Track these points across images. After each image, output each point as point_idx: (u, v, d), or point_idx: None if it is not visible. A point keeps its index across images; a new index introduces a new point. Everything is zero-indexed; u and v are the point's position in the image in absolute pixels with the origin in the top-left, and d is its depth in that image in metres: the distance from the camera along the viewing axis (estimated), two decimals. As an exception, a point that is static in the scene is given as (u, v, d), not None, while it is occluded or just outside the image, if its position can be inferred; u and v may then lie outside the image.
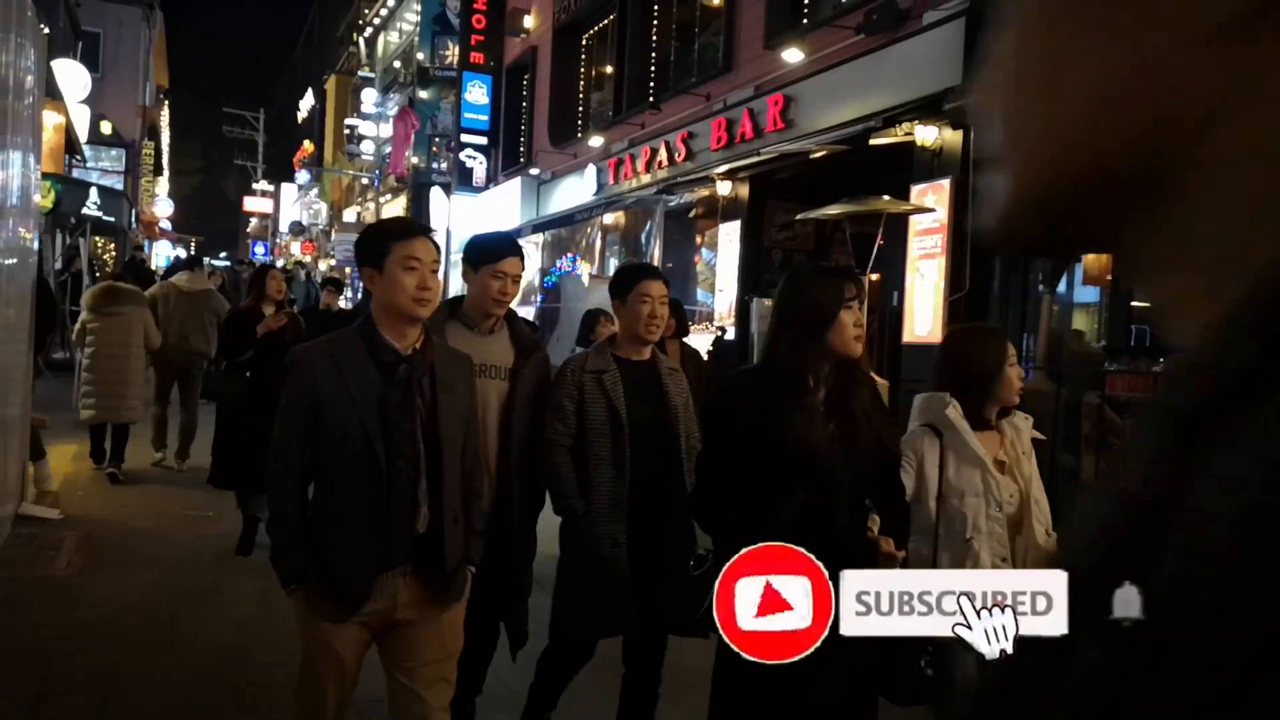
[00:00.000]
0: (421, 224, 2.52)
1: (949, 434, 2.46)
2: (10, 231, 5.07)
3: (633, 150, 12.27)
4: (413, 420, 2.29)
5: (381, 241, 2.30)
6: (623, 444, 2.92)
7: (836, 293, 2.23)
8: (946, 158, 7.16)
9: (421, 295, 2.27)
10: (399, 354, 2.29)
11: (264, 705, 3.60)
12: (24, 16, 5.29)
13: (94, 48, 24.54)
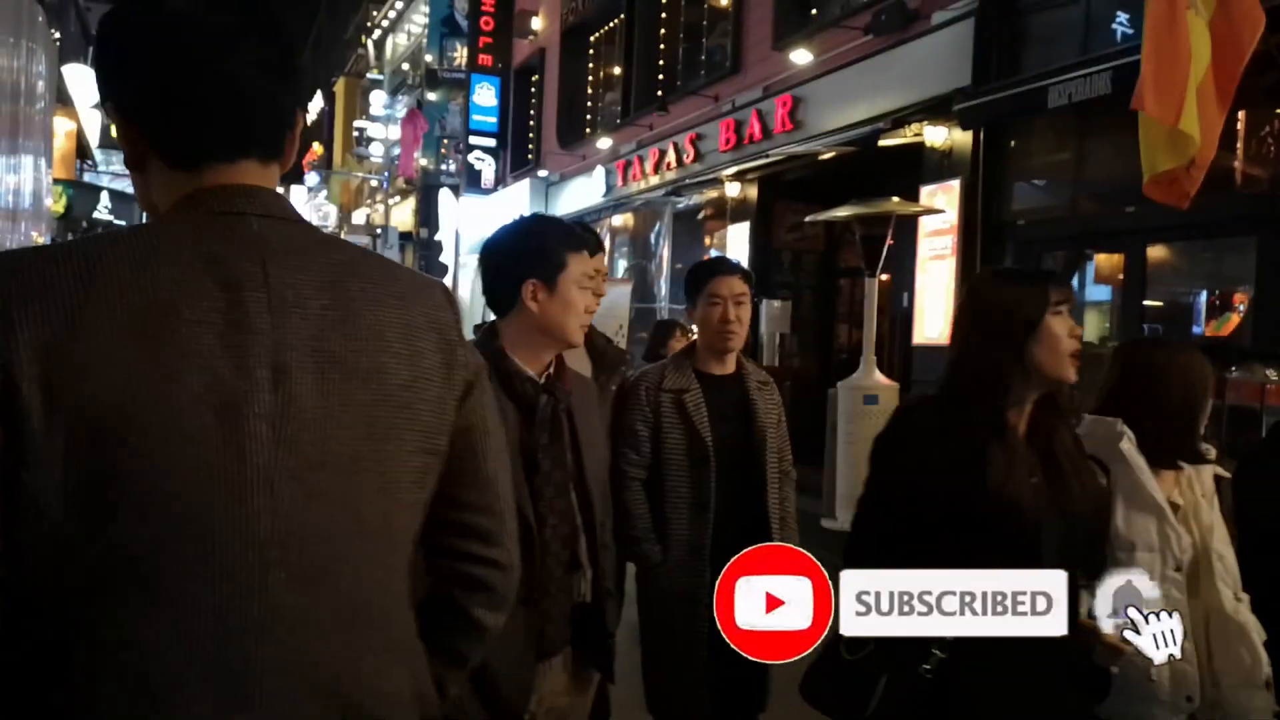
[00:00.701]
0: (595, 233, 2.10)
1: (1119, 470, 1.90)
2: (23, 235, 5.10)
3: (641, 152, 12.26)
4: (564, 469, 1.86)
5: (557, 250, 1.86)
6: (706, 478, 2.47)
7: (1039, 295, 1.72)
8: (956, 158, 7.14)
9: (587, 320, 1.95)
10: (537, 383, 1.85)
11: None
12: (35, 22, 5.32)
13: (105, 52, 24.63)
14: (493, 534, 1.12)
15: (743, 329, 2.56)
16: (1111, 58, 5.58)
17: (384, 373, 0.99)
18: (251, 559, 0.91)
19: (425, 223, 22.54)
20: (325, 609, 0.95)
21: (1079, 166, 6.76)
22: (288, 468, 0.93)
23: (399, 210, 26.32)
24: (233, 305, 0.93)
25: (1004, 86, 6.55)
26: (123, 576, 0.89)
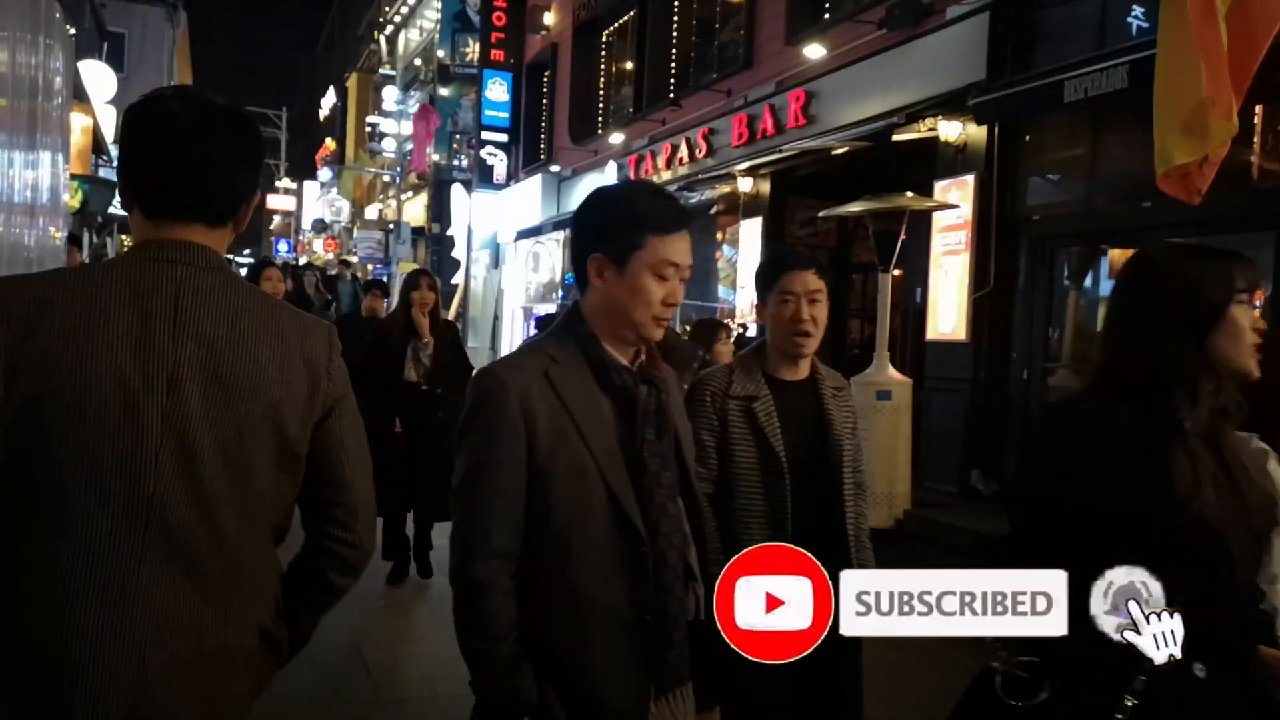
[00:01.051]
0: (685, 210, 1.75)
1: None
2: (41, 230, 5.14)
3: (653, 147, 12.25)
4: (673, 468, 1.65)
5: (636, 228, 1.62)
6: (781, 494, 2.21)
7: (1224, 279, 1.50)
8: (970, 153, 7.11)
9: (665, 314, 1.65)
10: (633, 372, 1.65)
11: None
12: (53, 19, 5.35)
13: (119, 48, 24.79)
14: (347, 523, 1.52)
15: (818, 330, 2.31)
16: (1128, 52, 5.55)
17: (259, 391, 1.38)
18: (139, 511, 1.31)
19: (437, 218, 22.59)
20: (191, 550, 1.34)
21: (1094, 161, 6.72)
22: (171, 449, 1.33)
23: (411, 205, 26.38)
24: (144, 329, 1.33)
25: (1019, 81, 6.52)
26: (43, 510, 1.30)
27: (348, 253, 31.51)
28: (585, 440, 1.56)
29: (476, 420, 1.59)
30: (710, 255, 11.31)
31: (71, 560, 1.28)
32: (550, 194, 15.98)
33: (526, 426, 1.55)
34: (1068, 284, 7.07)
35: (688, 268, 1.67)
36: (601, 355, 1.63)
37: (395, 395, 5.17)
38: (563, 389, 1.58)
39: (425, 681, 4.05)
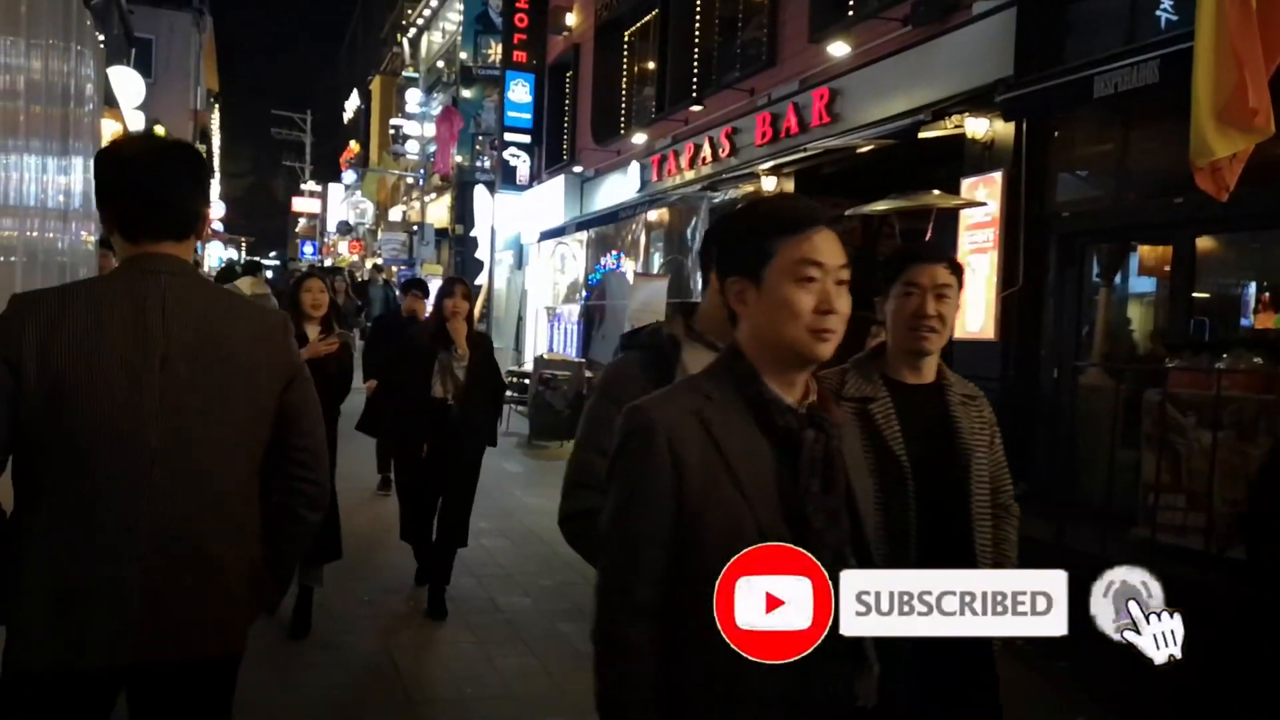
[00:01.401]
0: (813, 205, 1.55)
1: None
2: (74, 235, 5.21)
3: (676, 147, 12.24)
4: (841, 526, 1.45)
5: (760, 236, 1.47)
6: (904, 503, 2.00)
7: None
8: (998, 150, 7.04)
9: (825, 324, 1.43)
10: (798, 413, 1.46)
11: None
12: (84, 26, 5.43)
13: (147, 54, 25.09)
14: (310, 464, 1.94)
15: (945, 328, 2.11)
16: (1158, 46, 5.47)
17: (231, 363, 1.83)
18: (144, 459, 1.74)
19: (461, 219, 22.70)
20: (186, 484, 1.77)
21: (1124, 157, 6.63)
22: (166, 411, 1.76)
23: (435, 207, 26.52)
24: (141, 323, 1.78)
25: (1047, 76, 6.44)
26: (69, 460, 1.72)
27: (372, 254, 31.71)
28: (741, 489, 1.38)
29: (622, 461, 1.45)
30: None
31: (93, 495, 1.72)
32: (573, 194, 16.00)
33: (675, 471, 1.39)
34: (1098, 281, 6.98)
35: (840, 268, 1.46)
36: (761, 392, 1.45)
37: (420, 412, 4.78)
38: (717, 430, 1.41)
39: (455, 684, 4.06)
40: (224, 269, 21.67)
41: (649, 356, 1.92)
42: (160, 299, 1.80)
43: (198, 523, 1.77)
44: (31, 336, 1.72)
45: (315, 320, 4.52)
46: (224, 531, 1.81)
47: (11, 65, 3.55)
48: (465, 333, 4.84)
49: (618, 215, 13.31)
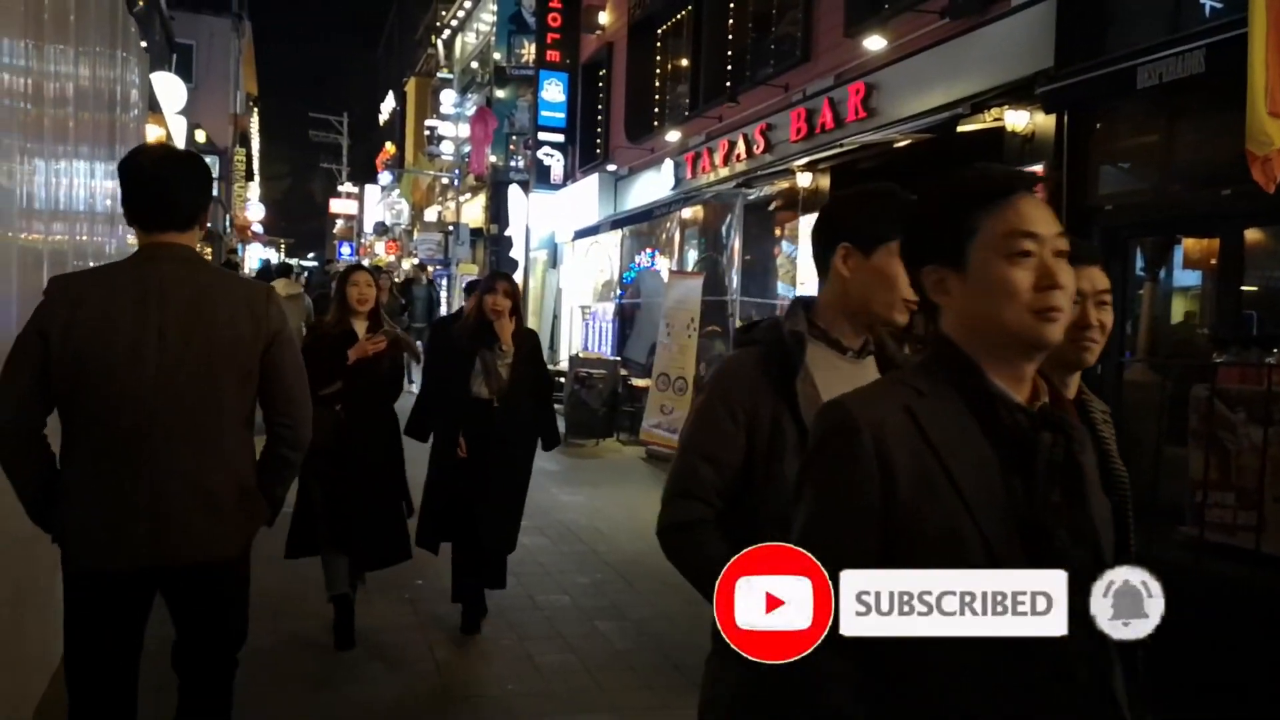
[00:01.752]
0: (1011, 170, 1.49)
1: None
2: (119, 237, 5.31)
3: (710, 144, 12.21)
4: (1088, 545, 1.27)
5: (959, 212, 1.29)
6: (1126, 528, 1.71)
7: None
8: (1039, 143, 6.94)
9: (1052, 302, 1.25)
10: (1030, 413, 1.28)
11: None
12: (129, 33, 5.53)
13: (187, 59, 25.54)
14: (288, 412, 2.42)
15: (1102, 339, 1.87)
16: (1204, 35, 5.36)
17: (218, 334, 2.30)
18: (145, 416, 2.24)
19: (495, 219, 22.81)
20: (184, 433, 2.26)
21: (1169, 149, 6.50)
22: (163, 375, 2.24)
23: (470, 207, 26.69)
24: (142, 300, 2.26)
25: (1089, 68, 6.33)
26: (94, 412, 2.24)
27: (408, 254, 32.00)
28: (961, 496, 1.21)
29: (819, 464, 1.29)
30: (769, 251, 11.23)
31: (110, 441, 2.25)
32: (607, 193, 16.02)
33: (883, 475, 1.22)
34: (1142, 275, 6.86)
35: (1056, 236, 1.27)
36: (984, 386, 1.26)
37: (460, 412, 4.58)
38: (931, 429, 1.23)
39: (495, 681, 4.09)
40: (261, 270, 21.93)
41: (768, 353, 1.73)
42: (159, 281, 2.29)
43: (191, 462, 2.29)
44: (60, 313, 2.24)
45: (362, 315, 4.38)
46: (214, 467, 2.32)
47: (61, 73, 3.63)
48: (512, 330, 4.60)
49: (652, 213, 13.31)
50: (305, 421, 2.44)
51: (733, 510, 1.71)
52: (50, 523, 2.33)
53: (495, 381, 4.57)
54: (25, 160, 3.08)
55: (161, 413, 2.25)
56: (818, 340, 1.76)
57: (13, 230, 2.96)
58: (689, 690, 3.91)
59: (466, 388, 4.58)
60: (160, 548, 2.27)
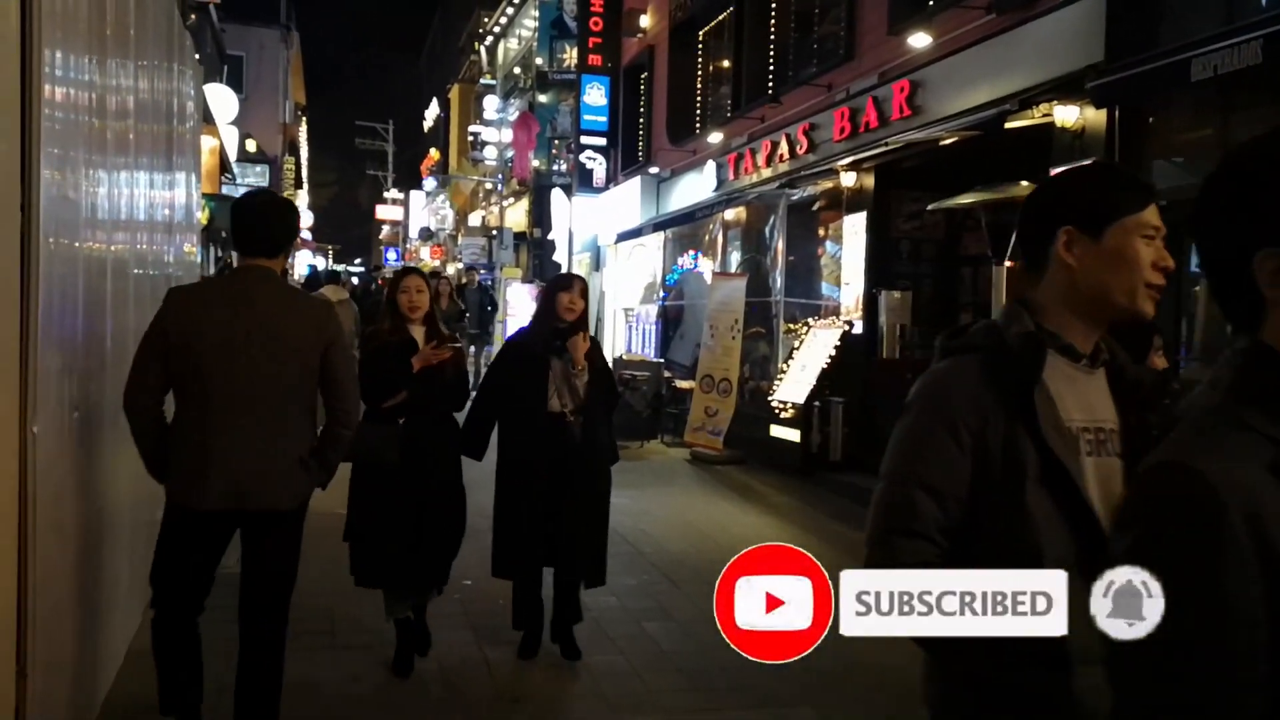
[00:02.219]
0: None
1: None
2: (177, 246, 5.45)
3: (753, 145, 12.18)
4: None
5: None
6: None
7: None
8: (1089, 138, 6.82)
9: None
10: None
11: None
12: (184, 46, 5.68)
13: (238, 70, 26.09)
14: (340, 398, 3.14)
15: None
16: (1261, 25, 5.23)
17: (288, 338, 3.02)
18: (235, 395, 2.96)
19: (538, 223, 22.97)
20: (261, 413, 2.98)
21: (1225, 142, 6.36)
22: (247, 364, 2.96)
23: (513, 211, 26.91)
24: (233, 308, 3.00)
25: (1141, 61, 6.22)
26: (194, 394, 2.96)
27: (453, 259, 32.33)
28: None
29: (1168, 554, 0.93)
30: (813, 251, 11.16)
31: (205, 415, 2.95)
32: (649, 195, 16.05)
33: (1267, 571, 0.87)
34: (1197, 272, 6.70)
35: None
36: None
37: (536, 429, 4.13)
38: None
39: (544, 682, 4.12)
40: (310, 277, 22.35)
41: (992, 362, 1.46)
42: (247, 294, 3.03)
43: (265, 434, 2.98)
44: (174, 314, 2.99)
45: (417, 323, 4.09)
46: (281, 438, 3.01)
47: (122, 86, 3.74)
48: (587, 348, 4.17)
49: (694, 215, 13.30)
50: (354, 407, 3.26)
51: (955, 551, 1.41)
52: (161, 474, 3.06)
53: (570, 395, 4.15)
54: (90, 172, 3.18)
55: (242, 395, 2.95)
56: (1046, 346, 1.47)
57: (79, 240, 3.05)
58: (736, 691, 3.93)
59: (542, 402, 4.13)
60: (235, 497, 2.95)
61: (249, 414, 2.95)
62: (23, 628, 2.53)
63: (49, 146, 2.60)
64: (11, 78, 2.42)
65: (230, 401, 2.94)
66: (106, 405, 3.53)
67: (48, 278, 2.62)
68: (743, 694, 3.96)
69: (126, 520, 3.91)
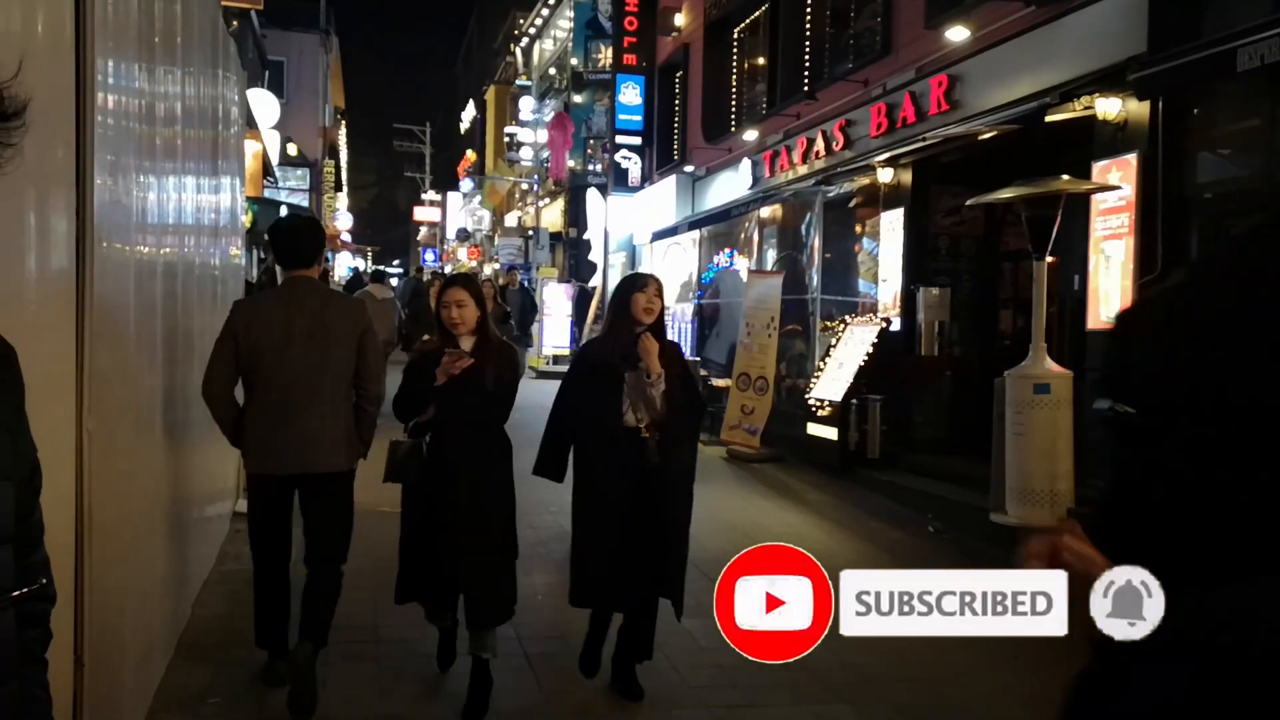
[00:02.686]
0: None
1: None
2: (223, 249, 5.57)
3: (788, 142, 12.13)
4: None
5: None
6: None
7: None
8: (1132, 131, 6.71)
9: None
10: None
11: None
12: (228, 52, 5.80)
13: (279, 75, 26.49)
14: (367, 380, 3.85)
15: None
16: (1311, 12, 5.12)
17: (331, 332, 3.74)
18: (290, 380, 3.69)
19: (574, 222, 23.07)
20: (310, 396, 3.70)
21: (1273, 134, 6.22)
22: (300, 355, 3.68)
23: (549, 211, 27.04)
24: (286, 311, 3.74)
25: (1185, 51, 6.10)
26: (257, 381, 3.73)
27: (490, 259, 32.56)
28: None
29: None
30: (850, 248, 11.10)
31: (270, 396, 3.68)
32: (685, 194, 16.06)
33: None
34: None
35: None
36: None
37: (610, 448, 3.77)
38: None
39: (585, 678, 4.14)
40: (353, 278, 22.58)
41: None
42: (296, 300, 3.74)
43: (317, 411, 3.67)
44: (240, 321, 3.71)
45: (468, 336, 3.72)
46: (328, 415, 3.71)
47: (171, 93, 3.83)
48: (656, 351, 3.75)
49: (730, 213, 13.29)
50: (379, 388, 3.90)
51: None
52: (239, 444, 3.79)
53: (646, 407, 3.76)
54: (140, 177, 3.26)
55: (298, 380, 3.65)
56: None
57: (130, 244, 3.14)
58: (774, 688, 3.93)
59: (618, 415, 3.76)
60: (300, 461, 3.67)
61: (305, 394, 3.64)
62: (79, 619, 2.61)
63: (102, 152, 2.68)
64: (67, 86, 2.49)
65: (290, 385, 3.63)
66: (155, 405, 3.63)
67: (102, 280, 2.70)
68: (781, 691, 3.96)
69: (173, 516, 4.01)
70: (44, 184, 2.32)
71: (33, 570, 1.14)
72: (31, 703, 1.14)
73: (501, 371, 3.72)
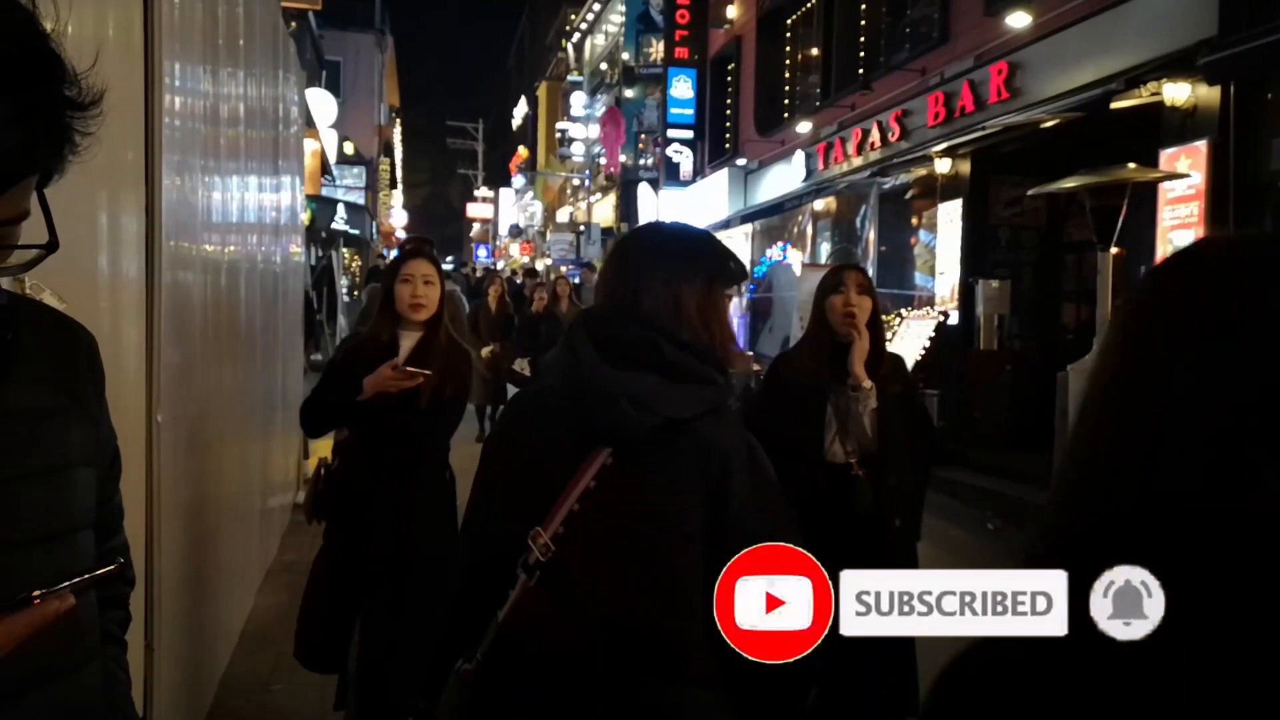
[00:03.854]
0: None
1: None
2: (283, 248, 5.69)
3: (843, 133, 11.99)
4: None
5: None
6: None
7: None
8: (1201, 117, 6.50)
9: None
10: None
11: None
12: (288, 53, 5.91)
13: (335, 75, 26.94)
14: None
15: None
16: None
17: None
18: None
19: (626, 217, 23.09)
20: None
21: (1354, 116, 5.98)
22: None
23: (600, 207, 27.11)
24: None
25: (1258, 34, 5.89)
26: None
27: (542, 255, 32.77)
28: None
29: None
30: (906, 241, 10.94)
31: None
32: (737, 188, 15.97)
33: None
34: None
35: None
36: None
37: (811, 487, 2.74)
38: None
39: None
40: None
41: None
42: None
43: None
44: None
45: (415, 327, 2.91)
46: None
47: (234, 94, 3.91)
48: (865, 354, 2.90)
49: (783, 206, 13.19)
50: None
51: None
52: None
53: (855, 438, 2.89)
54: (205, 177, 3.34)
55: None
56: None
57: (196, 242, 3.21)
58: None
59: (819, 446, 2.90)
60: None
61: None
62: (150, 605, 2.69)
63: (169, 153, 2.74)
64: (136, 89, 2.56)
65: None
66: (220, 399, 3.72)
67: (170, 277, 2.77)
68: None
69: (235, 508, 4.10)
70: (115, 185, 2.38)
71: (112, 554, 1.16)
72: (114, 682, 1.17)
73: (445, 384, 2.81)
